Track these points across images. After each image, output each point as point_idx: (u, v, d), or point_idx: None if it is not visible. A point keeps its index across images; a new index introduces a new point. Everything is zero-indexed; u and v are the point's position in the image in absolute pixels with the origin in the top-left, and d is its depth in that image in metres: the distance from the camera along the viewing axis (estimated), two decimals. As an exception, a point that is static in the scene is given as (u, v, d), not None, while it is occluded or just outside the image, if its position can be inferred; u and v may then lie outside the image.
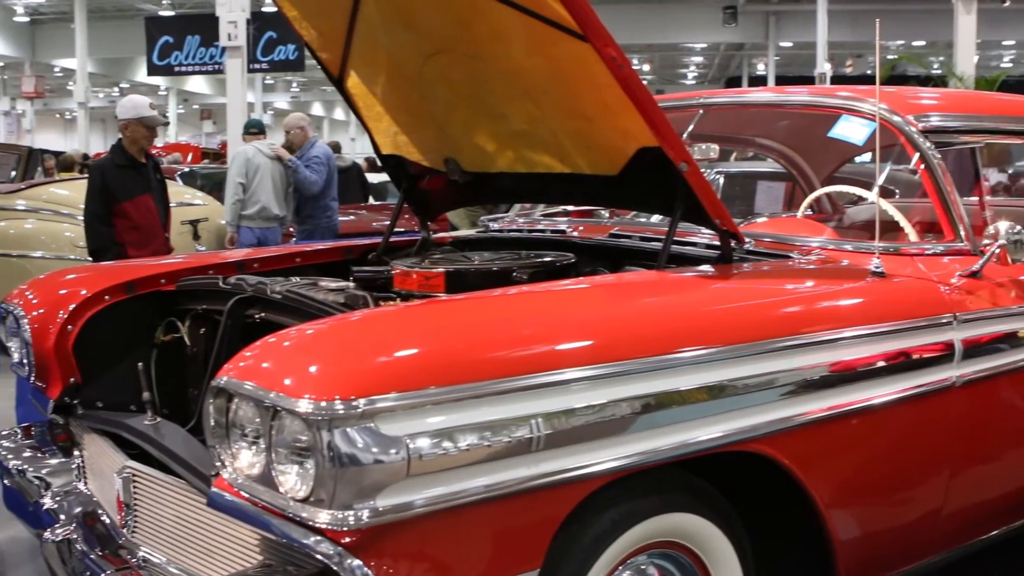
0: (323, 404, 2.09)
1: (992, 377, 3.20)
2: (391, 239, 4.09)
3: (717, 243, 3.20)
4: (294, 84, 45.37)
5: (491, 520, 2.26)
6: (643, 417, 2.42)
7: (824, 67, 23.61)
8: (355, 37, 3.62)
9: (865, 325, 2.87)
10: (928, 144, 3.45)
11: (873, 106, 3.44)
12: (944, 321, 3.06)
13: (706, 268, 3.12)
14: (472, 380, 2.21)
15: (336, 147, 12.26)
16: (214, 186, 11.35)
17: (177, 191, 9.79)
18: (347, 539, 2.12)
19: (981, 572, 3.88)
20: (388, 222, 4.15)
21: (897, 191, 5.37)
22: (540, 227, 4.11)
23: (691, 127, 3.93)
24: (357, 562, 2.12)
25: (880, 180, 3.35)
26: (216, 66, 18.74)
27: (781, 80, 34.14)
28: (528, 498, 2.27)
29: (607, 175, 3.26)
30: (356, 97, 3.91)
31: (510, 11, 2.93)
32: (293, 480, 2.20)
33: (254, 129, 9.07)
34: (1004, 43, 35.90)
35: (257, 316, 3.17)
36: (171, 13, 25.90)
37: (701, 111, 4.01)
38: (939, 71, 21.96)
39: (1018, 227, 3.27)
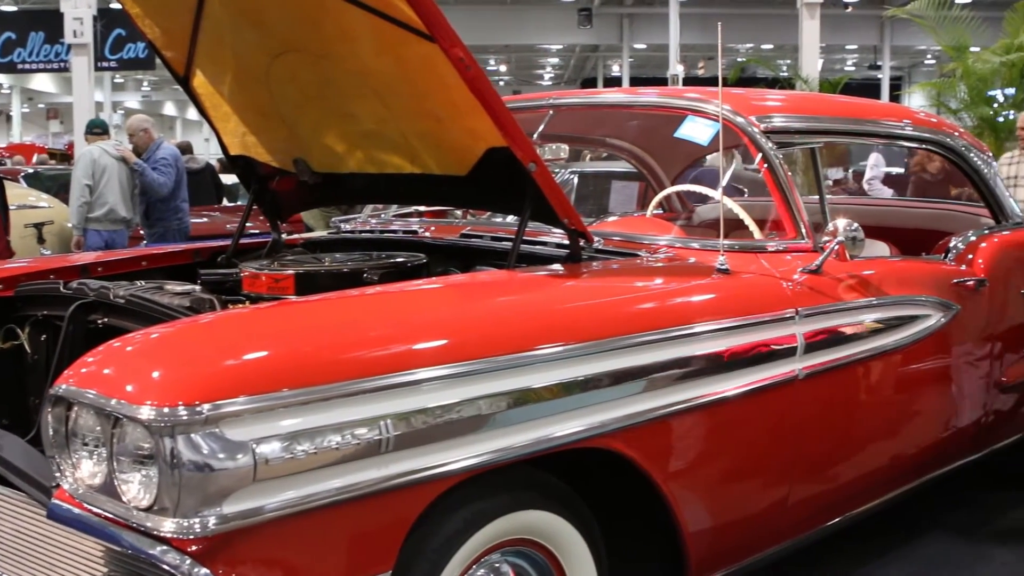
0: (166, 411, 2.05)
1: (833, 369, 3.30)
2: (241, 241, 4.02)
3: (567, 242, 3.23)
4: (145, 83, 44.25)
5: (342, 523, 2.24)
6: (495, 416, 2.43)
7: (677, 69, 24.05)
8: (200, 35, 3.54)
9: (710, 321, 2.93)
10: (770, 144, 3.54)
11: (717, 107, 3.51)
12: (787, 316, 3.15)
13: (556, 267, 3.14)
14: (321, 382, 2.19)
15: (187, 148, 12.00)
16: (60, 188, 11.01)
17: (20, 193, 9.46)
18: (194, 547, 2.08)
19: (829, 558, 3.99)
20: (244, 225, 4.08)
21: (746, 190, 5.51)
22: (393, 228, 4.10)
23: (541, 127, 3.96)
24: (205, 571, 2.07)
25: (725, 180, 3.44)
26: (62, 64, 18.11)
27: (636, 81, 34.69)
28: (379, 500, 2.26)
29: (457, 175, 3.27)
30: (203, 97, 3.83)
31: (358, 11, 2.91)
32: (136, 489, 2.14)
33: (97, 129, 8.81)
34: (847, 47, 37.18)
35: (100, 322, 3.07)
36: (13, 8, 25.02)
37: (551, 112, 4.05)
38: (786, 74, 22.56)
39: (855, 224, 3.39)
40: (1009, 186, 7.75)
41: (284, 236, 4.14)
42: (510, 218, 3.92)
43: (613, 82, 37.98)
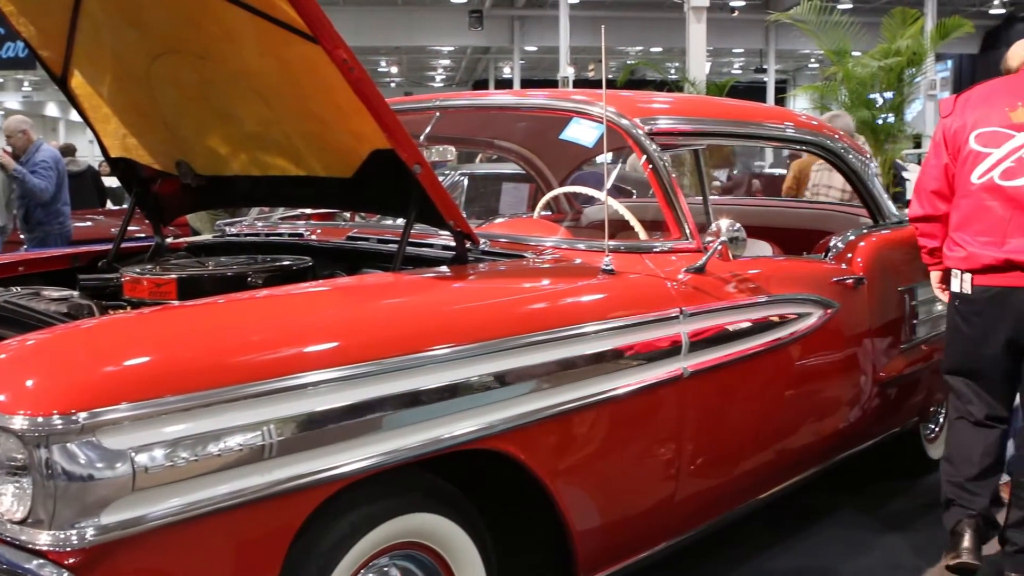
0: (40, 420, 1.99)
1: (718, 367, 3.35)
2: (124, 245, 3.94)
3: (453, 244, 3.23)
4: (26, 83, 43.13)
5: (226, 530, 2.20)
6: (382, 419, 2.42)
7: (567, 71, 24.28)
8: (78, 35, 3.46)
9: (596, 322, 2.96)
10: (654, 146, 3.59)
11: (602, 110, 3.54)
12: (671, 315, 3.19)
13: (442, 269, 3.14)
14: (202, 388, 2.16)
15: (69, 150, 11.72)
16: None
17: None
18: (71, 560, 2.03)
19: (717, 552, 4.06)
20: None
21: (634, 191, 5.58)
22: (279, 231, 4.05)
23: (428, 129, 3.95)
24: (83, 583, 2.03)
25: (609, 181, 3.47)
26: (-65, 64, 17.56)
27: (527, 83, 34.90)
28: (263, 506, 2.23)
29: (342, 178, 3.25)
30: (81, 98, 3.75)
31: (239, 11, 2.87)
32: (10, 501, 2.08)
33: (-30, 134, 8.58)
34: (734, 50, 37.88)
35: None
36: None
37: (438, 114, 4.04)
38: (675, 76, 22.92)
39: (738, 225, 3.45)
40: (816, 193, 8.00)
41: (168, 240, 4.07)
42: (399, 220, 3.91)
43: (504, 84, 38.14)
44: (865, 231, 4.56)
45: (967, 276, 3.78)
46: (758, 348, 3.54)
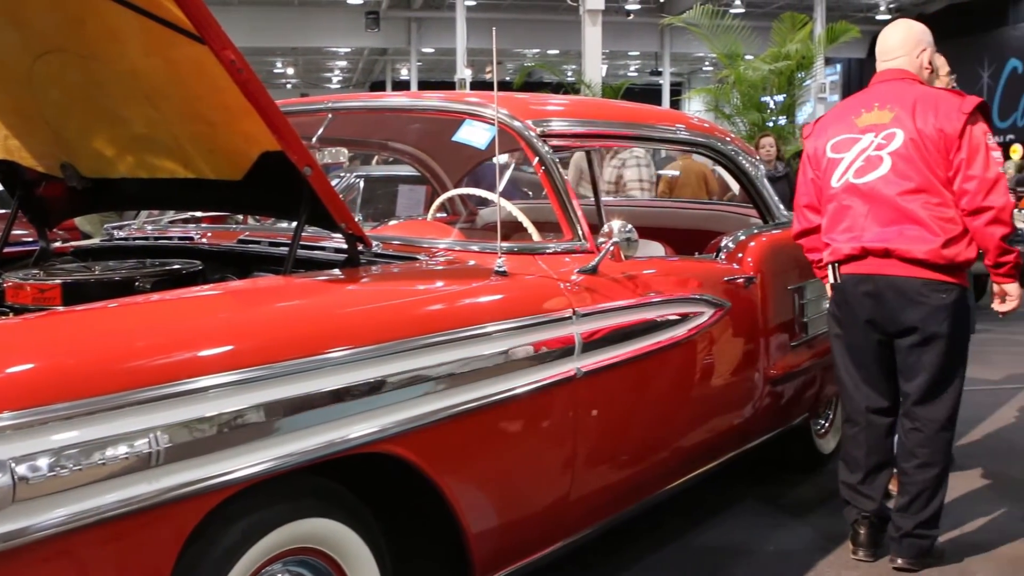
0: (-88, 431, 1.93)
1: (611, 367, 3.38)
2: (7, 250, 3.84)
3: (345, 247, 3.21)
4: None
5: (111, 541, 2.15)
6: (273, 424, 2.39)
7: (464, 73, 24.28)
8: (-45, 34, 3.36)
9: (489, 323, 2.96)
10: (547, 148, 3.61)
11: (494, 112, 3.56)
12: (564, 316, 3.21)
13: (334, 272, 3.12)
14: (87, 395, 2.10)
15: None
16: None
17: None
18: (-53, 575, 1.97)
19: (611, 551, 4.10)
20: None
21: (531, 193, 5.60)
22: (169, 234, 3.99)
23: (320, 131, 3.92)
24: (-41, 599, 1.97)
25: (502, 183, 3.48)
26: None
27: (424, 85, 34.83)
28: (151, 515, 2.18)
29: (232, 180, 3.20)
30: (-41, 99, 3.63)
31: (124, 10, 2.81)
32: None
33: None
34: (630, 53, 38.25)
35: None
36: None
37: (330, 115, 4.01)
38: (572, 79, 23.07)
39: (629, 226, 3.49)
40: (609, 192, 8.15)
41: (55, 244, 3.98)
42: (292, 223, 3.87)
43: (402, 85, 38.00)
44: (755, 231, 4.65)
45: (836, 267, 4.02)
46: (651, 348, 3.59)
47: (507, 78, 34.12)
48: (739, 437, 4.40)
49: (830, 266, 4.04)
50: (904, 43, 4.09)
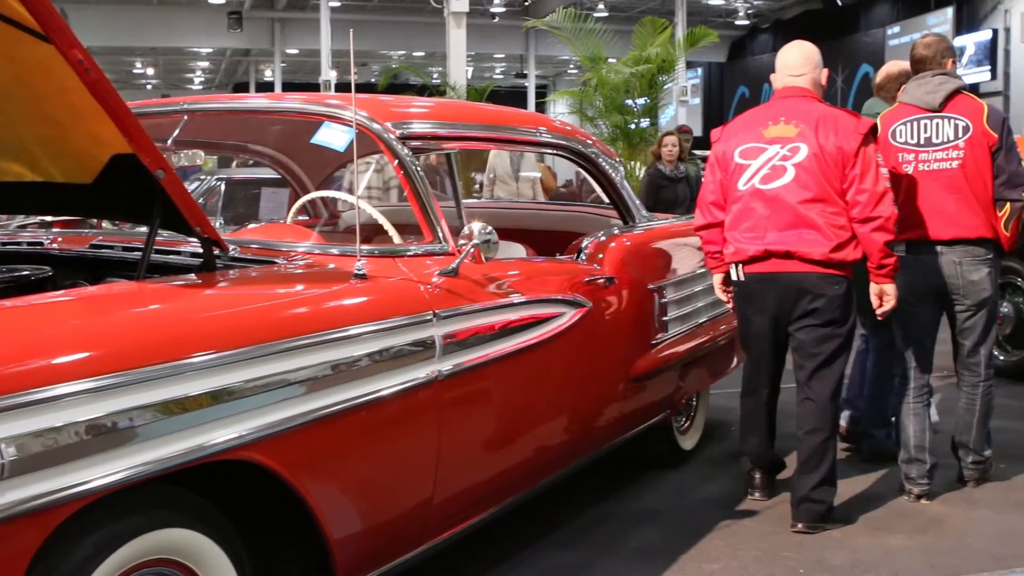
0: None
1: (473, 369, 3.39)
2: None
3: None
4: None
5: (-45, 559, 2.08)
6: (126, 433, 2.33)
7: (329, 75, 24.10)
8: None
9: (348, 327, 2.94)
10: (406, 151, 3.60)
11: (353, 114, 3.53)
12: (425, 319, 3.21)
13: (189, 277, 3.06)
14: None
15: None
16: None
17: None
18: None
19: (477, 552, 4.11)
20: None
21: (394, 195, 5.58)
22: (17, 239, 3.86)
23: (176, 133, 3.85)
24: None
25: (362, 186, 3.46)
26: None
27: (289, 87, 34.44)
28: (-2, 530, 2.12)
29: (82, 183, 3.12)
30: None
31: (-34, 9, 2.72)
32: None
33: None
34: (495, 56, 38.41)
35: None
36: None
37: (185, 117, 3.94)
38: (437, 81, 23.07)
39: (490, 227, 3.50)
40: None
41: None
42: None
43: (266, 87, 37.50)
44: (616, 232, 4.71)
45: (740, 266, 4.53)
46: (512, 349, 3.60)
47: (372, 80, 33.99)
48: (602, 436, 4.46)
49: (734, 265, 4.53)
50: (807, 62, 4.59)
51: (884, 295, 4.49)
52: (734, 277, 4.55)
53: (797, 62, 4.58)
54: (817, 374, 4.50)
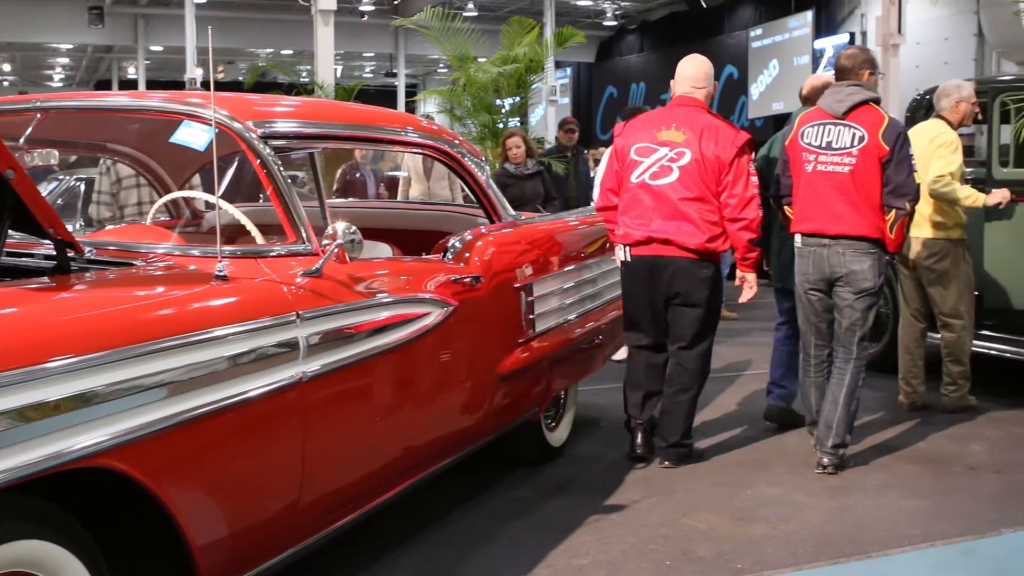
0: None
1: (338, 369, 3.37)
2: None
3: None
4: None
5: None
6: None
7: (195, 72, 23.64)
8: None
9: (209, 329, 2.88)
10: (268, 150, 3.56)
11: (212, 112, 3.47)
12: (288, 320, 3.17)
13: (42, 280, 2.97)
14: None
15: None
16: None
17: None
18: None
19: (348, 553, 4.08)
20: None
21: (261, 195, 5.49)
22: None
23: (29, 131, 3.73)
24: None
25: (223, 186, 3.41)
26: None
27: (153, 84, 33.66)
28: None
29: None
30: None
31: None
32: None
33: None
34: (365, 54, 38.14)
35: None
36: None
37: (38, 115, 3.83)
38: (307, 79, 22.80)
39: (354, 227, 3.48)
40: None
41: None
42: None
43: (129, 85, 36.61)
44: (483, 231, 4.73)
45: (627, 248, 5.32)
46: (378, 349, 3.59)
47: (240, 78, 33.45)
48: (471, 434, 4.47)
49: (622, 246, 5.34)
50: (707, 77, 5.42)
51: (746, 282, 5.34)
52: (623, 257, 5.34)
53: (699, 75, 5.39)
54: (687, 345, 5.33)
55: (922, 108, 7.34)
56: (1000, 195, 6.25)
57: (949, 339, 6.39)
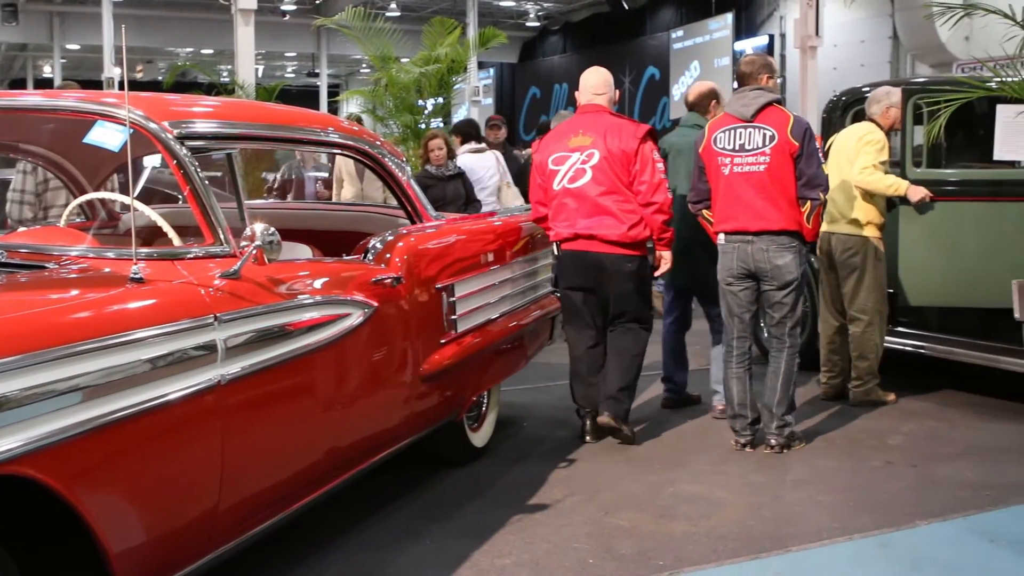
0: None
1: (257, 372, 3.34)
2: None
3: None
4: None
5: None
6: None
7: (113, 71, 23.25)
8: None
9: (125, 332, 2.84)
10: (185, 151, 3.52)
11: (127, 112, 3.42)
12: (206, 322, 3.14)
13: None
14: None
15: None
16: None
17: None
18: None
19: (269, 558, 4.05)
20: None
21: (180, 196, 5.42)
22: None
23: (-64, 132, 3.66)
24: None
25: (138, 186, 3.37)
26: None
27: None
28: None
29: None
30: None
31: None
32: None
33: None
34: (287, 54, 37.87)
35: None
36: None
37: (-54, 115, 3.75)
38: (227, 79, 22.56)
39: (272, 229, 3.45)
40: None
41: None
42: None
43: (45, 84, 35.93)
44: (404, 231, 4.72)
45: (557, 246, 5.76)
46: (297, 351, 3.57)
47: (159, 78, 33.01)
48: (393, 436, 4.46)
49: (554, 244, 5.76)
50: (607, 85, 5.83)
51: (662, 260, 5.71)
52: (554, 252, 5.79)
53: (599, 83, 5.81)
54: (623, 333, 5.77)
55: (838, 109, 7.53)
56: (921, 192, 6.52)
57: (855, 334, 6.58)
